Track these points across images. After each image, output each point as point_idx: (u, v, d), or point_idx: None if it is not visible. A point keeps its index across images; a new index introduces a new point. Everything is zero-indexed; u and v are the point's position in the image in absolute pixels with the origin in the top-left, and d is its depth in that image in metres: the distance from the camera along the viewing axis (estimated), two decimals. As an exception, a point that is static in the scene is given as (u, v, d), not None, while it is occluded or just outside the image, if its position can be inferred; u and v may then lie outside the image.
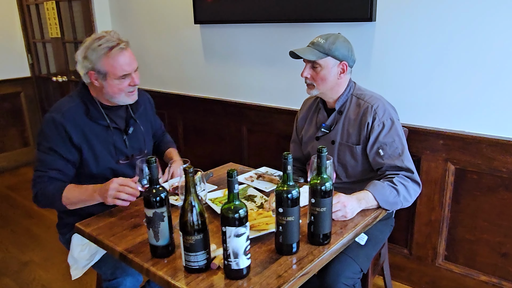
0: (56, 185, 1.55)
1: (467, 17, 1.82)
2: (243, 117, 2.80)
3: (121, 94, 1.63)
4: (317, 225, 1.26)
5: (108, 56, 1.56)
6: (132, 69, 1.62)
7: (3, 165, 4.26)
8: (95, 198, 1.48)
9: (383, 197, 1.53)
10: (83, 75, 1.62)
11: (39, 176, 1.58)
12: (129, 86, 1.63)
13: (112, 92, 1.61)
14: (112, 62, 1.56)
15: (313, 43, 1.70)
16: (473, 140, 1.91)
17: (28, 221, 3.21)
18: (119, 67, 1.57)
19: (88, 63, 1.58)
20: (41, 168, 1.59)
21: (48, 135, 1.59)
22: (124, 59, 1.58)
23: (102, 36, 1.58)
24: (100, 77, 1.59)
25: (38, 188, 1.57)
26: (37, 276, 2.50)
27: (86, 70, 1.60)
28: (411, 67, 2.03)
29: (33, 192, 1.59)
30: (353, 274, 1.55)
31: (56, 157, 1.58)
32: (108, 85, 1.60)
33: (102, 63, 1.56)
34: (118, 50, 1.56)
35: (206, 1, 2.70)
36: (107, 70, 1.57)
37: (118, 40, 1.59)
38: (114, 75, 1.58)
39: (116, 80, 1.59)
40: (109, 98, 1.65)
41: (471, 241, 2.04)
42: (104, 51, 1.55)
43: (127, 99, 1.67)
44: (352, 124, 1.72)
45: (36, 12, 4.04)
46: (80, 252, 1.65)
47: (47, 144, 1.59)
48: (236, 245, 1.09)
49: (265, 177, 1.80)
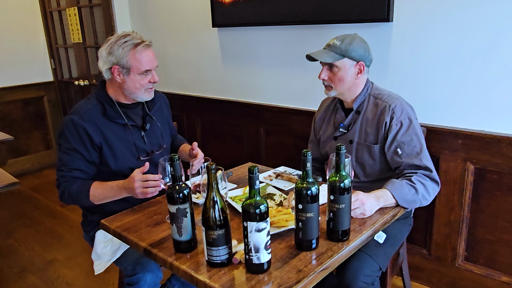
0: (80, 184, 1.62)
1: (486, 15, 1.82)
2: (260, 119, 2.83)
3: (141, 90, 1.71)
4: (336, 221, 1.28)
5: (134, 51, 1.65)
6: (154, 66, 1.72)
7: (27, 167, 4.38)
8: (122, 194, 1.59)
9: (402, 195, 1.54)
10: (105, 71, 1.70)
11: (62, 176, 1.65)
12: (149, 83, 1.72)
13: (133, 87, 1.69)
14: (138, 57, 1.66)
15: (329, 45, 1.72)
16: (493, 140, 1.90)
17: (52, 221, 3.30)
18: (144, 63, 1.67)
19: (112, 58, 1.66)
20: (63, 168, 1.66)
21: (68, 137, 1.66)
22: (148, 56, 1.68)
23: (127, 35, 1.68)
24: (124, 71, 1.67)
25: (63, 187, 1.64)
26: (61, 274, 2.57)
27: (110, 65, 1.68)
28: (429, 66, 2.03)
29: (58, 191, 1.67)
30: (372, 272, 1.55)
31: (78, 157, 1.65)
32: (130, 80, 1.68)
33: (128, 58, 1.65)
34: (143, 47, 1.67)
35: (223, 5, 2.74)
36: (131, 64, 1.66)
37: (142, 39, 1.69)
38: (138, 70, 1.67)
39: (139, 76, 1.68)
40: (128, 93, 1.72)
41: (492, 242, 2.03)
42: (130, 47, 1.65)
43: (146, 96, 1.74)
44: (370, 124, 1.74)
45: (58, 18, 4.16)
46: (103, 248, 1.71)
47: (68, 145, 1.66)
48: (257, 240, 1.12)
49: (283, 176, 1.83)
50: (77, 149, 1.65)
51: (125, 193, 1.57)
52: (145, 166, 1.52)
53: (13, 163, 4.25)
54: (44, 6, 4.23)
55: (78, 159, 1.65)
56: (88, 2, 3.71)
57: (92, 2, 3.68)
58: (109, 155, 1.70)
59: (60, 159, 1.68)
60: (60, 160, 1.67)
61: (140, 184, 1.47)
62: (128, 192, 1.55)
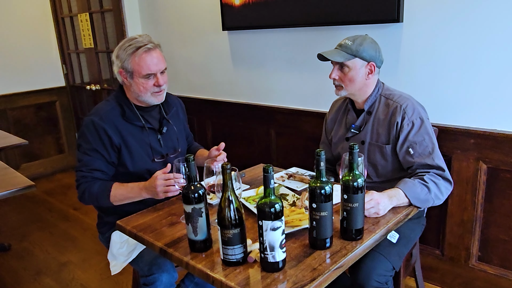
0: (101, 185, 1.65)
1: (497, 14, 1.82)
2: (271, 121, 2.84)
3: (147, 93, 1.71)
4: (349, 220, 1.29)
5: (134, 55, 1.65)
6: (158, 69, 1.69)
7: (40, 171, 4.45)
8: (142, 195, 1.60)
9: (414, 195, 1.54)
10: (116, 74, 1.73)
11: (83, 176, 1.68)
12: (154, 86, 1.70)
13: (138, 90, 1.70)
14: (138, 60, 1.65)
15: (340, 45, 1.73)
16: (505, 139, 1.89)
17: (65, 224, 3.34)
18: (145, 66, 1.66)
19: (119, 62, 1.69)
20: (83, 168, 1.68)
21: (89, 137, 1.69)
22: (149, 59, 1.66)
23: (134, 38, 1.69)
24: (128, 75, 1.69)
25: (83, 188, 1.67)
26: (76, 276, 2.61)
27: (117, 69, 1.71)
28: (439, 66, 2.03)
29: (78, 192, 1.69)
30: (385, 271, 1.56)
31: (98, 157, 1.68)
32: (134, 84, 1.70)
33: (129, 61, 1.67)
34: (143, 50, 1.65)
35: (233, 8, 2.77)
36: (133, 68, 1.67)
37: (147, 42, 1.68)
38: (139, 73, 1.67)
39: (141, 79, 1.68)
40: (136, 96, 1.74)
41: (506, 241, 2.02)
42: (132, 51, 1.65)
43: (153, 99, 1.74)
44: (382, 124, 1.74)
45: (70, 24, 4.22)
46: (119, 249, 1.73)
47: (88, 146, 1.69)
48: (272, 239, 1.13)
49: (296, 177, 1.84)
50: (98, 149, 1.68)
51: (145, 193, 1.58)
52: (167, 167, 1.53)
53: (26, 168, 4.31)
54: (56, 13, 4.30)
55: (98, 159, 1.68)
56: (100, 7, 3.77)
57: (103, 8, 3.74)
58: (127, 156, 1.73)
59: (80, 159, 1.70)
60: (80, 161, 1.70)
61: (162, 182, 1.50)
62: (149, 192, 1.57)
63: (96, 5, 3.81)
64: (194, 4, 3.10)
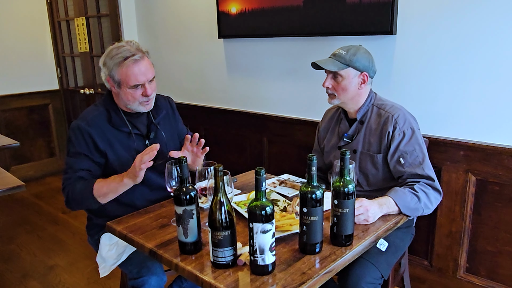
0: (84, 183, 1.63)
1: (488, 29, 1.86)
2: (264, 128, 2.86)
3: (135, 102, 1.69)
4: (339, 226, 1.30)
5: (122, 65, 1.62)
6: (146, 79, 1.66)
7: (30, 174, 4.41)
8: (125, 182, 1.57)
9: (404, 203, 1.56)
10: (104, 81, 1.72)
11: (67, 179, 1.66)
12: (142, 96, 1.68)
13: (126, 99, 1.69)
14: (126, 71, 1.62)
15: (334, 55, 1.76)
16: (494, 151, 1.92)
17: (54, 227, 3.31)
18: (132, 77, 1.62)
19: (106, 70, 1.67)
20: (69, 171, 1.67)
21: (74, 142, 1.68)
22: (137, 69, 1.63)
23: (122, 46, 1.65)
24: (115, 84, 1.67)
25: (67, 190, 1.65)
26: (63, 280, 2.57)
27: (105, 76, 1.70)
28: (431, 79, 2.07)
29: (64, 196, 1.67)
30: (374, 279, 1.56)
31: (84, 158, 1.67)
32: (122, 93, 1.68)
33: (116, 71, 1.64)
34: (131, 61, 1.61)
35: (230, 17, 2.80)
36: (120, 78, 1.64)
37: (136, 51, 1.64)
38: (127, 84, 1.64)
39: (129, 89, 1.65)
40: (124, 104, 1.73)
41: (493, 253, 2.04)
42: (119, 60, 1.62)
43: (142, 108, 1.72)
44: (373, 134, 1.77)
45: (66, 28, 4.23)
46: (108, 251, 1.72)
47: (73, 150, 1.68)
48: (263, 241, 1.14)
49: (287, 183, 1.85)
50: (83, 152, 1.67)
51: (126, 179, 1.55)
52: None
53: (16, 170, 4.27)
54: (52, 16, 4.31)
55: (84, 160, 1.67)
56: (96, 12, 3.78)
57: (100, 13, 3.75)
58: (115, 162, 1.72)
59: (66, 163, 1.70)
60: (66, 164, 1.69)
61: (139, 159, 1.48)
62: (130, 175, 1.54)
63: (93, 9, 3.83)
64: (190, 11, 3.13)
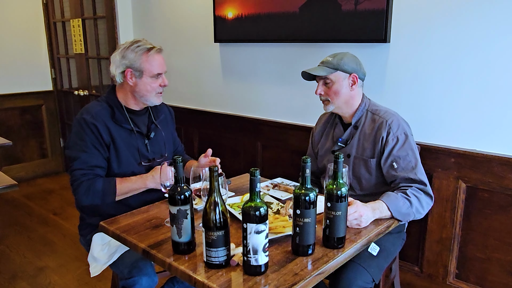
0: (105, 181, 1.69)
1: (480, 38, 1.90)
2: (258, 133, 2.88)
3: (152, 93, 1.78)
4: (332, 228, 1.32)
5: (147, 55, 1.74)
6: (164, 70, 1.81)
7: (21, 175, 4.37)
8: (147, 184, 1.74)
9: (396, 208, 1.58)
10: (118, 74, 1.76)
11: (83, 174, 1.68)
12: (159, 87, 1.79)
13: (144, 90, 1.76)
14: (151, 60, 1.75)
15: (322, 62, 1.81)
16: (484, 159, 1.95)
17: (44, 228, 3.28)
18: (156, 66, 1.76)
19: (126, 61, 1.73)
20: (82, 166, 1.68)
21: (84, 135, 1.70)
22: (159, 60, 1.78)
23: (139, 40, 1.78)
24: (136, 74, 1.74)
25: (87, 185, 1.66)
26: (52, 281, 2.55)
27: (123, 68, 1.74)
28: (424, 87, 2.10)
29: (80, 190, 1.67)
30: (365, 283, 1.57)
31: (96, 154, 1.70)
32: (142, 83, 1.75)
33: (141, 61, 1.73)
34: (155, 51, 1.77)
35: (226, 21, 2.82)
36: (144, 67, 1.74)
37: (153, 45, 1.79)
38: (150, 72, 1.75)
39: (150, 79, 1.76)
40: (139, 96, 1.78)
41: (482, 260, 2.06)
42: (143, 51, 1.75)
43: (155, 100, 1.81)
44: (367, 138, 1.79)
45: (62, 29, 4.22)
46: (100, 251, 1.72)
47: (84, 143, 1.69)
48: (256, 242, 1.14)
49: (280, 187, 1.86)
50: (95, 146, 1.70)
51: (149, 182, 1.72)
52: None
53: (7, 170, 4.22)
54: (48, 17, 4.30)
55: (97, 155, 1.71)
56: (93, 14, 3.79)
57: (96, 14, 3.76)
58: (114, 157, 1.75)
59: (75, 157, 1.69)
60: (78, 159, 1.69)
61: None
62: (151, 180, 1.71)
63: (89, 11, 3.83)
64: (187, 15, 3.15)
